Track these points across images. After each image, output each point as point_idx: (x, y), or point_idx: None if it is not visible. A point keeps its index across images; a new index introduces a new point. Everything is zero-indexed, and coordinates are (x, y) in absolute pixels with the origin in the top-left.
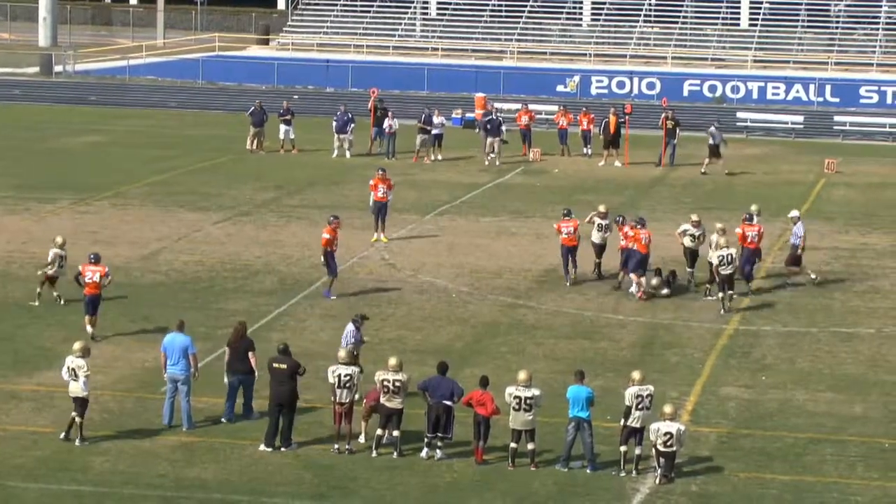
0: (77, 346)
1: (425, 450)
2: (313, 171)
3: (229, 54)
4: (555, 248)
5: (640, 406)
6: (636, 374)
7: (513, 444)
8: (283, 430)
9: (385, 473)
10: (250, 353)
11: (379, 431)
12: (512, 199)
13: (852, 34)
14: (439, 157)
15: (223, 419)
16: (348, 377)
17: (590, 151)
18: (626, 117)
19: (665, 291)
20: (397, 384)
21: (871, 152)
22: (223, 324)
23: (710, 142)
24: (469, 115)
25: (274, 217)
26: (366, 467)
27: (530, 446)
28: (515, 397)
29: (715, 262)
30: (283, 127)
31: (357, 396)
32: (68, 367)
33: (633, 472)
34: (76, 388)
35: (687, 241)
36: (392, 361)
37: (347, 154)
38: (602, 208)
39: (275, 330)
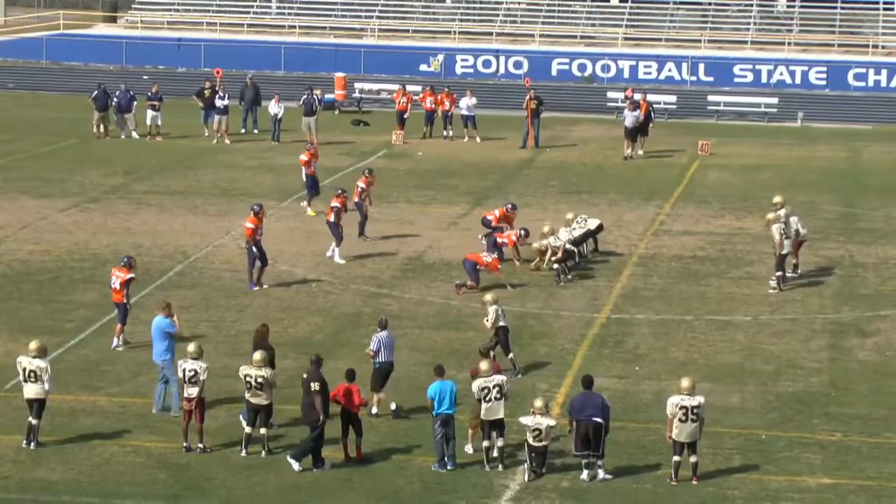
0: (33, 345)
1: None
2: (166, 156)
3: (75, 33)
4: (420, 235)
5: (487, 398)
6: (483, 365)
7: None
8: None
9: (243, 473)
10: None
11: (247, 429)
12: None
13: (726, 10)
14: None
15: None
16: (193, 372)
17: (451, 133)
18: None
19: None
20: (259, 380)
21: (746, 133)
22: (70, 317)
23: (627, 124)
24: (328, 95)
25: (123, 203)
26: (223, 467)
27: None
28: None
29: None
30: (150, 112)
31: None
32: (24, 369)
33: (500, 465)
34: (37, 390)
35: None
36: (256, 357)
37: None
38: (569, 215)
39: (127, 323)
